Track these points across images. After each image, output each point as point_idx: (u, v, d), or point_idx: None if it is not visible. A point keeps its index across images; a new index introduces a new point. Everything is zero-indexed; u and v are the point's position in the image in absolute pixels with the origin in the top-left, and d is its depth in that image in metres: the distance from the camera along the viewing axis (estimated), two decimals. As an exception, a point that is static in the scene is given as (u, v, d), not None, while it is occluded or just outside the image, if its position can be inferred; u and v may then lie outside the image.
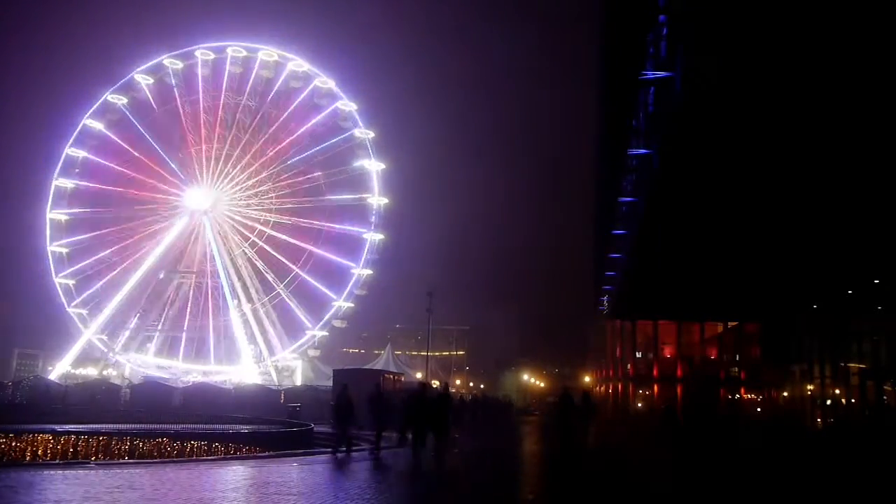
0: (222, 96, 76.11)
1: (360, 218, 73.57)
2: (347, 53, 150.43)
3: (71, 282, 74.55)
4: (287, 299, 74.35)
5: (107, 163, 76.17)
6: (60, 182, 74.57)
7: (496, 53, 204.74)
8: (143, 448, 34.75)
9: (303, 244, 74.05)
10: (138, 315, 76.98)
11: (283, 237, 75.14)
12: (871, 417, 35.47)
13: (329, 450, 21.06)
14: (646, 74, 20.08)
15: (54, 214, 74.33)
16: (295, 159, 75.81)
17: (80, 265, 74.78)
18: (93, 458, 31.92)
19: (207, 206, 75.53)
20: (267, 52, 74.71)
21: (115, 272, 75.81)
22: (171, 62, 75.56)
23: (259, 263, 75.74)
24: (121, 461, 30.30)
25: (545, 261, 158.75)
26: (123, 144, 76.54)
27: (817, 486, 17.25)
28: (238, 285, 75.66)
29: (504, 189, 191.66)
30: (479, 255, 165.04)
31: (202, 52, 75.12)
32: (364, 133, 73.36)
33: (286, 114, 75.88)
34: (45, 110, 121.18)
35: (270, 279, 75.31)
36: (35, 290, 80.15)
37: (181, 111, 76.49)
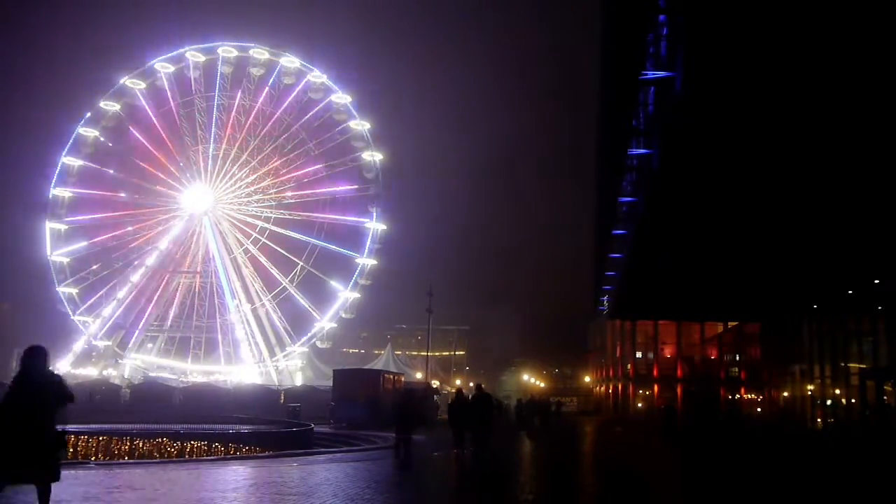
0: (216, 97, 76.53)
1: (361, 209, 74.62)
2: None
3: (74, 290, 74.89)
4: (294, 293, 74.95)
5: (104, 169, 76.53)
6: (58, 191, 74.57)
7: (498, 54, 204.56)
8: (143, 448, 34.81)
9: (305, 237, 74.89)
10: (135, 315, 77.03)
11: (285, 232, 75.81)
12: (871, 417, 35.42)
13: (331, 450, 21.00)
14: (646, 74, 20.04)
15: (53, 224, 74.30)
16: (293, 154, 76.48)
17: (81, 273, 75.08)
18: (93, 458, 31.93)
19: (207, 206, 75.66)
20: (258, 51, 75.11)
21: (116, 279, 76.37)
22: (161, 66, 75.89)
23: (263, 259, 76.22)
24: (121, 461, 30.37)
25: (545, 261, 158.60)
26: (119, 150, 77.03)
27: (818, 486, 17.23)
28: (238, 285, 75.92)
29: (504, 188, 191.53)
30: (479, 255, 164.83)
31: (192, 54, 75.48)
32: (360, 124, 74.03)
33: (280, 110, 76.54)
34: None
35: (275, 274, 75.77)
36: (35, 289, 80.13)
37: (175, 113, 76.93)
